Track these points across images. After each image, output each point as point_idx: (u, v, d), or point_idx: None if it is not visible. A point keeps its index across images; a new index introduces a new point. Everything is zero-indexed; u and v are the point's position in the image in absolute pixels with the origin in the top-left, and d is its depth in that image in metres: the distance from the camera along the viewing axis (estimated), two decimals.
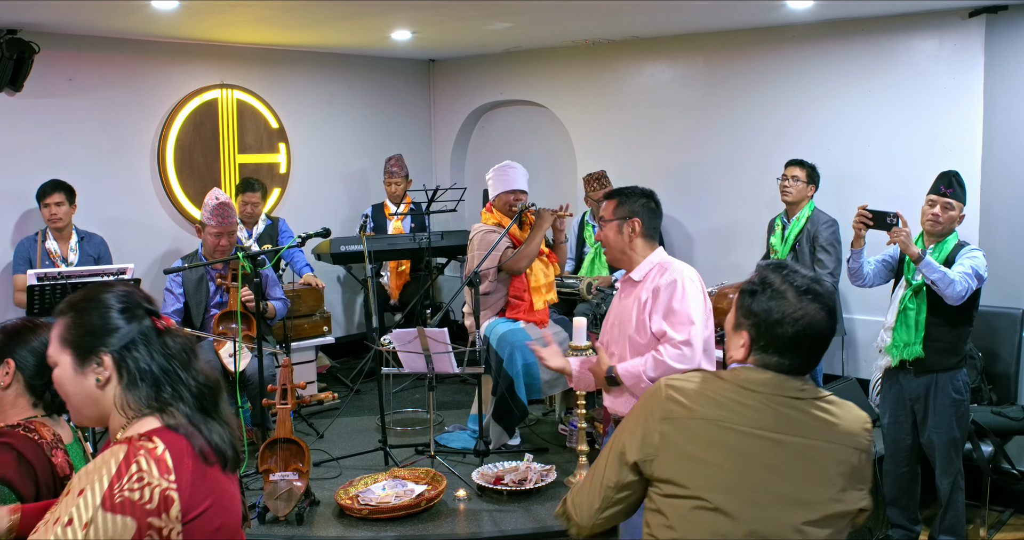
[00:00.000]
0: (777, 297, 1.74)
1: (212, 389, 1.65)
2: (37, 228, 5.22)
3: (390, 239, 6.05)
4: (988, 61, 4.77)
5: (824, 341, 1.75)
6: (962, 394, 3.79)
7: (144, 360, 1.60)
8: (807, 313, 1.72)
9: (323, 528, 3.82)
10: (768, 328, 1.73)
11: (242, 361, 4.50)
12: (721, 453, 1.69)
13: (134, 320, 1.63)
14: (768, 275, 1.79)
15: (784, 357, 1.74)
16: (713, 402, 1.74)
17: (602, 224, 3.08)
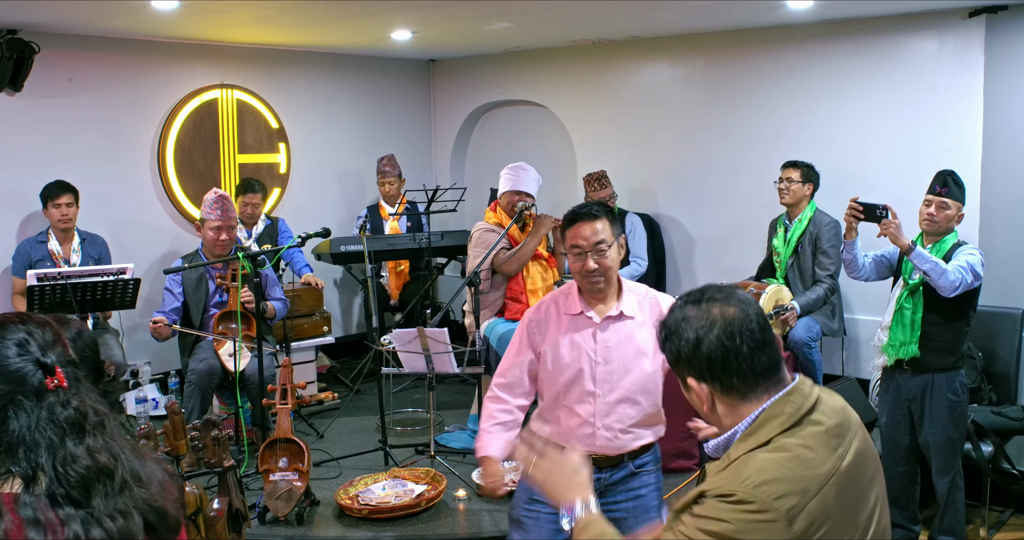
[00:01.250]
0: (680, 329, 1.55)
1: (86, 478, 1.33)
2: (38, 228, 5.22)
3: (390, 239, 6.05)
4: (988, 61, 4.77)
5: (758, 326, 1.53)
6: (959, 395, 3.79)
7: (15, 426, 1.32)
8: (711, 315, 1.53)
9: (323, 528, 3.82)
10: (697, 359, 1.54)
11: (242, 361, 4.50)
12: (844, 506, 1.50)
13: (16, 376, 1.34)
14: (666, 324, 1.60)
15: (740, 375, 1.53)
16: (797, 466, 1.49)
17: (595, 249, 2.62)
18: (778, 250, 5.04)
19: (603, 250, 2.61)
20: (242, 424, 4.48)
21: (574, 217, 2.65)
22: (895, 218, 3.70)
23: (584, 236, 2.61)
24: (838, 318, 5.00)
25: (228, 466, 3.10)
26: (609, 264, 2.62)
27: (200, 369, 4.52)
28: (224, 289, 4.75)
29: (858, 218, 3.82)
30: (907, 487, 4.01)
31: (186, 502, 2.85)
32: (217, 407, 5.06)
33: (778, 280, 5.04)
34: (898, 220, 3.70)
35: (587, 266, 2.60)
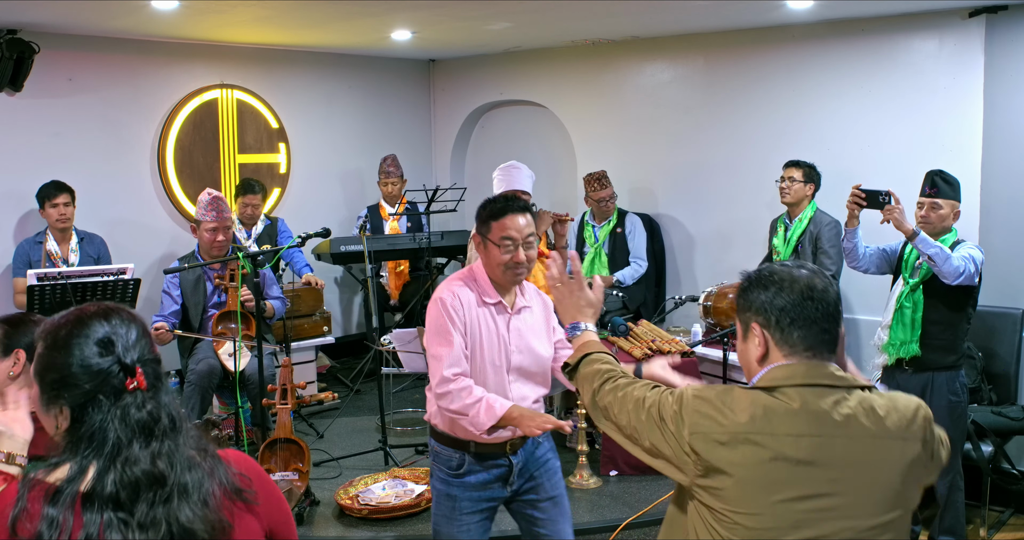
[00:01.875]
0: (769, 279, 1.72)
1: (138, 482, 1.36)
2: (36, 229, 5.22)
3: (390, 239, 6.05)
4: (988, 61, 4.77)
5: (831, 302, 1.69)
6: (959, 396, 3.78)
7: (98, 423, 1.38)
8: (801, 277, 1.70)
9: (323, 528, 3.82)
10: (770, 307, 1.70)
11: (242, 361, 4.50)
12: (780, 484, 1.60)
13: (100, 376, 1.41)
14: (751, 273, 1.79)
15: (800, 327, 1.68)
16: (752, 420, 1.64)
17: (526, 242, 2.68)
18: (778, 249, 5.04)
19: (531, 243, 2.68)
20: (242, 424, 4.48)
21: (505, 208, 2.67)
22: (898, 203, 3.69)
23: (517, 228, 2.65)
24: None
25: None
26: (533, 257, 2.70)
27: (200, 369, 4.52)
28: (223, 289, 4.75)
29: (860, 205, 3.80)
30: None
31: None
32: (217, 407, 5.06)
33: None
34: (901, 205, 3.68)
35: (518, 258, 2.64)
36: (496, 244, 2.66)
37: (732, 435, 1.61)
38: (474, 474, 2.72)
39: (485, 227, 2.70)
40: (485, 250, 2.71)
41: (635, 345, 4.55)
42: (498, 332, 2.71)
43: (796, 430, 1.60)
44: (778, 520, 1.58)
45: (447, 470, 2.74)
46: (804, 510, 1.58)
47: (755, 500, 1.59)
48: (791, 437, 1.60)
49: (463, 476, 2.73)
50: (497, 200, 2.71)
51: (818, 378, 1.66)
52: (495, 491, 2.77)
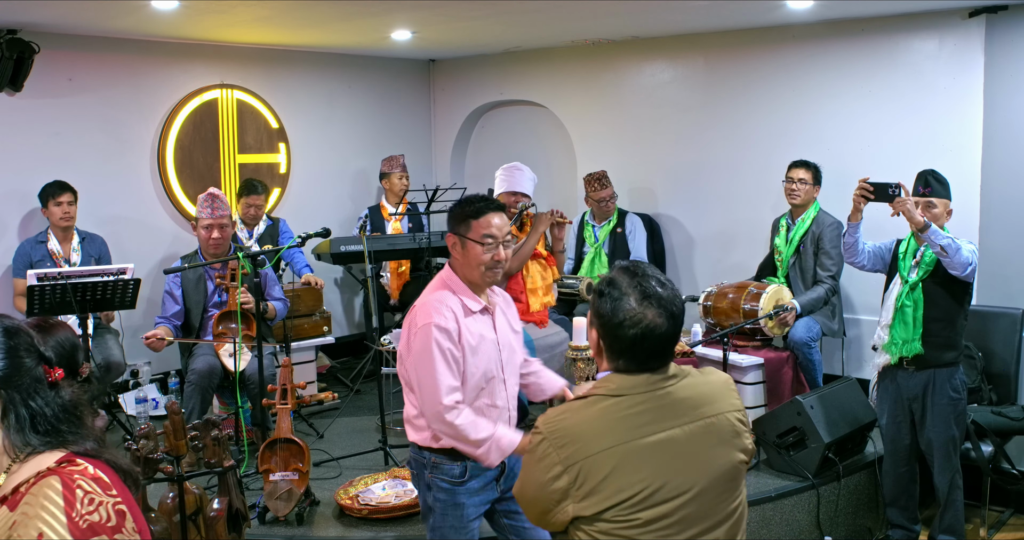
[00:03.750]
0: (620, 300, 1.82)
1: (71, 406, 1.59)
2: (38, 229, 5.23)
3: (390, 239, 6.05)
4: (988, 61, 4.77)
5: (665, 343, 1.83)
6: (959, 393, 3.79)
7: (38, 405, 1.53)
8: (646, 317, 1.80)
9: (323, 528, 3.82)
10: (611, 329, 1.82)
11: (242, 361, 4.50)
12: (634, 475, 1.75)
13: (15, 366, 1.53)
14: (617, 277, 1.87)
15: (627, 359, 1.83)
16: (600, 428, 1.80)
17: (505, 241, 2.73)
18: (780, 249, 5.05)
19: (508, 241, 2.72)
20: (242, 424, 4.48)
21: (485, 207, 2.69)
22: (908, 195, 3.66)
23: (498, 226, 2.68)
24: (838, 318, 5.01)
25: (228, 466, 3.10)
26: (510, 256, 2.74)
27: (200, 369, 4.52)
28: (223, 289, 4.75)
29: (868, 198, 3.77)
30: (907, 487, 4.01)
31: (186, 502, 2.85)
32: (217, 407, 5.06)
33: (779, 279, 5.04)
34: (912, 198, 3.66)
35: (499, 255, 2.68)
36: (478, 242, 2.66)
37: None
38: (475, 478, 2.74)
39: (464, 226, 2.69)
40: (463, 250, 2.70)
41: None
42: (488, 337, 2.72)
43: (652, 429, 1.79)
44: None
45: (450, 479, 2.72)
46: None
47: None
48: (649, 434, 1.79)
49: (467, 482, 2.72)
50: (474, 200, 2.72)
51: (655, 385, 1.83)
52: (491, 492, 2.81)
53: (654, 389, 1.82)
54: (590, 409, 1.82)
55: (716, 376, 1.95)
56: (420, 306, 2.68)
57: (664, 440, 1.78)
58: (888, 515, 4.12)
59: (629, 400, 1.81)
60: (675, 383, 1.85)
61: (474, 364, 2.67)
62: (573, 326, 4.29)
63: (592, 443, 1.77)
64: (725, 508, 1.84)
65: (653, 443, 1.77)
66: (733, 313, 4.85)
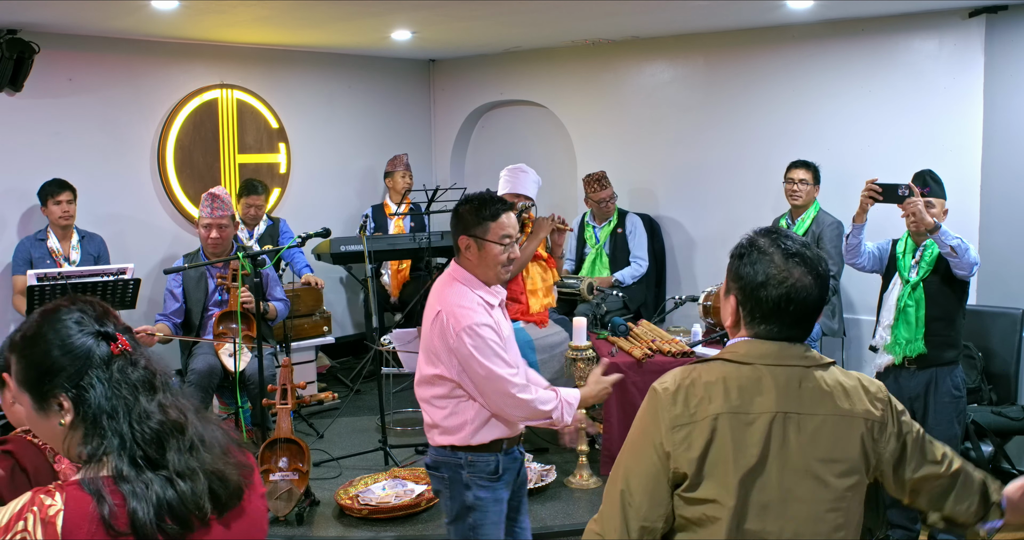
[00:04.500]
0: (762, 260, 1.71)
1: (160, 433, 1.39)
2: (37, 227, 5.23)
3: (390, 239, 6.05)
4: (988, 61, 4.77)
5: (811, 307, 1.70)
6: (960, 390, 3.81)
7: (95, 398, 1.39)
8: (791, 276, 1.68)
9: (323, 528, 3.82)
10: (752, 291, 1.70)
11: (242, 361, 4.50)
12: (737, 448, 1.65)
13: (76, 354, 1.41)
14: (756, 239, 1.76)
15: (771, 323, 1.70)
16: (717, 392, 1.68)
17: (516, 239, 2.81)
18: None
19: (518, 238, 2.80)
20: (242, 424, 4.48)
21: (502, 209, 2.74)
22: (918, 197, 3.65)
23: (513, 225, 2.75)
24: (838, 318, 5.00)
25: None
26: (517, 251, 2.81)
27: (200, 369, 4.52)
28: (225, 288, 4.75)
29: (876, 199, 3.76)
30: None
31: None
32: (217, 407, 5.06)
33: None
34: (921, 199, 3.65)
35: (514, 253, 2.74)
36: (496, 243, 2.71)
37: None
38: (508, 472, 2.79)
39: (481, 228, 2.72)
40: (480, 251, 2.73)
41: (635, 345, 4.55)
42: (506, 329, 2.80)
43: (766, 407, 1.66)
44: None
45: (487, 476, 2.75)
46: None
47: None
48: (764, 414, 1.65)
49: (502, 476, 2.77)
50: (488, 202, 2.75)
51: (786, 359, 1.70)
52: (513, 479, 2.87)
53: (785, 363, 1.69)
54: (710, 372, 1.70)
55: (862, 380, 1.76)
56: (450, 311, 2.68)
57: (773, 423, 1.65)
58: (888, 515, 4.12)
59: (752, 370, 1.68)
60: (810, 365, 1.70)
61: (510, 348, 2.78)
62: (573, 326, 4.29)
63: (703, 407, 1.65)
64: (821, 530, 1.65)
65: (762, 424, 1.64)
66: None
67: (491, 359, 2.65)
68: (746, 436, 1.64)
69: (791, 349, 1.71)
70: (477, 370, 2.65)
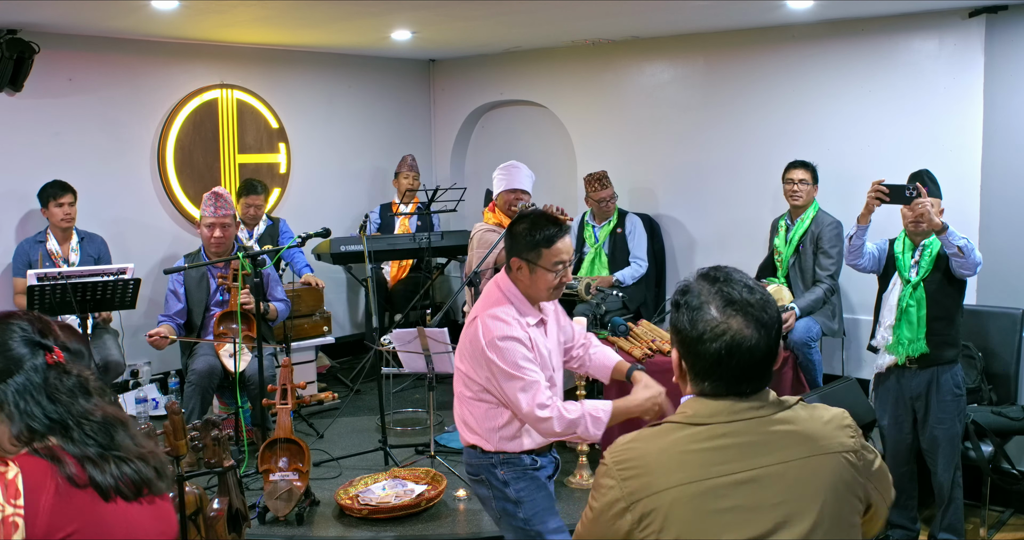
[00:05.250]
0: (698, 312, 1.55)
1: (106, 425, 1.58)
2: (37, 229, 5.23)
3: (390, 239, 6.06)
4: (988, 61, 4.77)
5: (756, 362, 1.53)
6: (960, 389, 3.84)
7: (25, 402, 1.54)
8: (729, 327, 1.52)
9: (323, 528, 3.82)
10: (690, 344, 1.55)
11: (242, 361, 4.50)
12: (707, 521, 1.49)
13: (12, 365, 1.56)
14: (693, 283, 1.60)
15: (714, 380, 1.54)
16: (671, 463, 1.52)
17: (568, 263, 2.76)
18: (779, 249, 5.04)
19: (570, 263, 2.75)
20: (242, 424, 4.48)
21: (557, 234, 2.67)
22: (926, 197, 3.65)
23: (568, 250, 2.71)
24: (838, 318, 5.00)
25: (228, 466, 3.10)
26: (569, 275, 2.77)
27: (200, 369, 4.52)
28: (226, 288, 4.75)
29: (883, 201, 3.76)
30: (907, 487, 4.01)
31: (186, 502, 2.85)
32: (217, 407, 5.07)
33: (779, 279, 5.04)
34: (928, 199, 3.65)
35: (567, 277, 2.71)
36: (548, 269, 2.67)
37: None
38: (545, 468, 2.83)
39: (534, 254, 2.66)
40: (531, 275, 2.69)
41: (635, 345, 4.55)
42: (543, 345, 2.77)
43: (730, 468, 1.50)
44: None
45: (527, 467, 2.77)
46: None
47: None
48: (727, 473, 1.50)
49: (540, 469, 2.80)
50: (542, 224, 2.67)
51: (739, 413, 1.54)
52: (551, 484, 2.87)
53: (740, 418, 1.52)
54: (662, 439, 1.55)
55: (826, 411, 1.60)
56: (484, 320, 2.68)
57: (747, 481, 1.48)
58: (888, 515, 4.12)
59: (708, 430, 1.52)
60: (769, 414, 1.54)
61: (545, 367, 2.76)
62: None
63: (660, 478, 1.49)
64: None
65: (731, 484, 1.48)
66: None
67: (510, 375, 2.64)
68: (721, 507, 1.48)
69: (741, 404, 1.54)
70: (497, 383, 2.67)
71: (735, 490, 1.48)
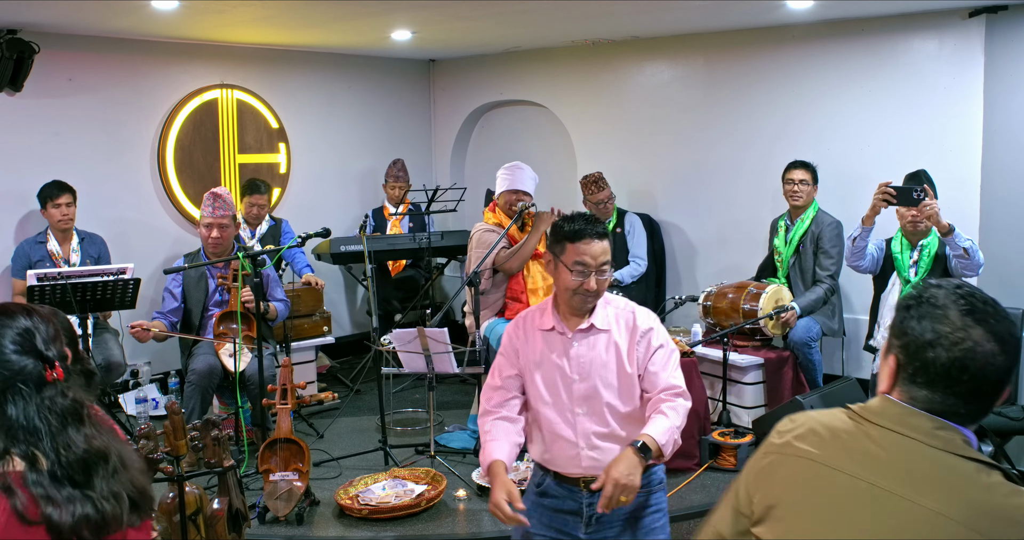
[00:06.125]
0: (934, 315, 1.38)
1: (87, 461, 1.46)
2: (37, 229, 5.22)
3: (390, 239, 6.06)
4: (988, 61, 4.77)
5: (990, 380, 1.35)
6: None
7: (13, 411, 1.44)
8: (969, 337, 1.35)
9: (323, 528, 3.82)
10: (917, 350, 1.38)
11: (242, 361, 4.50)
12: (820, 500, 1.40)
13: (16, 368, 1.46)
14: (931, 289, 1.43)
15: (935, 391, 1.37)
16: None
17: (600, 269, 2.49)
18: (779, 250, 5.05)
19: (604, 271, 2.49)
20: (242, 424, 4.48)
21: (583, 231, 2.47)
22: (932, 199, 3.65)
23: (593, 254, 2.46)
24: (838, 318, 5.00)
25: (228, 466, 3.10)
26: (604, 286, 2.51)
27: (200, 369, 4.52)
28: (225, 289, 4.75)
29: (890, 203, 3.76)
30: None
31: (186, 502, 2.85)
32: (217, 407, 5.06)
33: (779, 279, 5.05)
34: (936, 201, 3.65)
35: (589, 285, 2.46)
36: (568, 267, 2.47)
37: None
38: (550, 497, 2.58)
39: (560, 247, 2.50)
40: (556, 270, 2.53)
41: None
42: (555, 360, 2.53)
43: (853, 470, 1.39)
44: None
45: (534, 486, 2.65)
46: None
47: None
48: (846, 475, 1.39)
49: (541, 496, 2.60)
50: (579, 221, 2.51)
51: (923, 434, 1.37)
52: (568, 524, 2.55)
53: (923, 440, 1.35)
54: (828, 414, 1.47)
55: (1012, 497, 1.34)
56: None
57: (874, 497, 1.35)
58: None
59: (875, 431, 1.39)
60: (942, 449, 1.36)
61: (537, 378, 2.55)
62: None
63: (806, 440, 1.43)
64: None
65: (857, 491, 1.36)
66: (733, 313, 4.85)
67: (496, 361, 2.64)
68: (828, 493, 1.40)
69: (944, 432, 1.36)
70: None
71: (854, 496, 1.37)
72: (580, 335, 2.53)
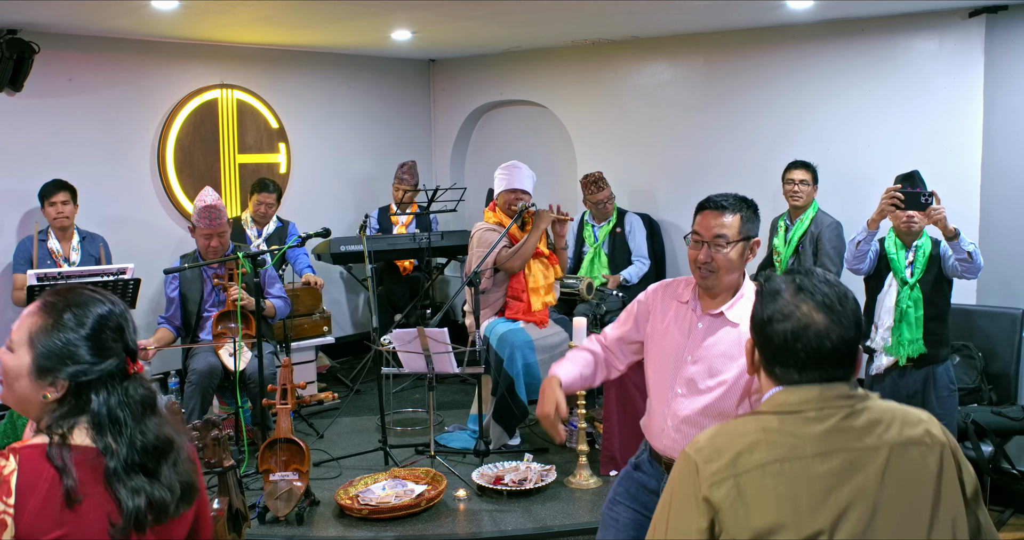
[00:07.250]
0: (772, 298, 1.56)
1: (158, 449, 1.55)
2: (38, 228, 5.22)
3: (390, 239, 6.06)
4: (988, 61, 4.77)
5: (828, 348, 1.50)
6: (954, 384, 3.92)
7: (96, 402, 1.52)
8: (798, 310, 1.51)
9: (323, 528, 3.82)
10: (761, 329, 1.55)
11: (242, 361, 4.50)
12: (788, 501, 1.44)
13: (102, 357, 1.53)
14: (773, 277, 1.61)
15: (783, 366, 1.52)
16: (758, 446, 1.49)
17: (713, 242, 2.42)
18: (779, 250, 5.04)
19: (720, 245, 2.41)
20: (242, 424, 4.48)
21: (704, 204, 2.48)
22: (939, 203, 3.66)
23: (706, 225, 2.44)
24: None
25: (228, 466, 3.10)
26: (722, 261, 2.41)
27: (200, 369, 4.52)
28: (222, 288, 4.76)
29: (898, 206, 3.76)
30: None
31: None
32: (217, 407, 5.06)
33: None
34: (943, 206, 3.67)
35: (698, 256, 2.43)
36: (689, 235, 2.50)
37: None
38: (641, 472, 2.59)
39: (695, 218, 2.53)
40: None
41: None
42: (677, 335, 2.51)
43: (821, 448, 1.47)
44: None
45: (633, 457, 2.65)
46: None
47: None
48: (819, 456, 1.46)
49: (635, 469, 2.62)
50: (711, 196, 2.51)
51: (824, 402, 1.50)
52: (651, 504, 2.48)
53: (832, 407, 1.48)
54: (746, 425, 1.52)
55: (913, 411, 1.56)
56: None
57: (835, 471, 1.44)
58: None
59: (798, 418, 1.48)
60: (861, 403, 1.51)
61: (660, 346, 2.55)
62: (573, 326, 4.30)
63: (746, 457, 1.46)
64: None
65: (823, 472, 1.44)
66: None
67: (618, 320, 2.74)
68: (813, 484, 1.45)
69: (832, 391, 1.50)
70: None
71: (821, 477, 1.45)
72: (708, 319, 2.47)
